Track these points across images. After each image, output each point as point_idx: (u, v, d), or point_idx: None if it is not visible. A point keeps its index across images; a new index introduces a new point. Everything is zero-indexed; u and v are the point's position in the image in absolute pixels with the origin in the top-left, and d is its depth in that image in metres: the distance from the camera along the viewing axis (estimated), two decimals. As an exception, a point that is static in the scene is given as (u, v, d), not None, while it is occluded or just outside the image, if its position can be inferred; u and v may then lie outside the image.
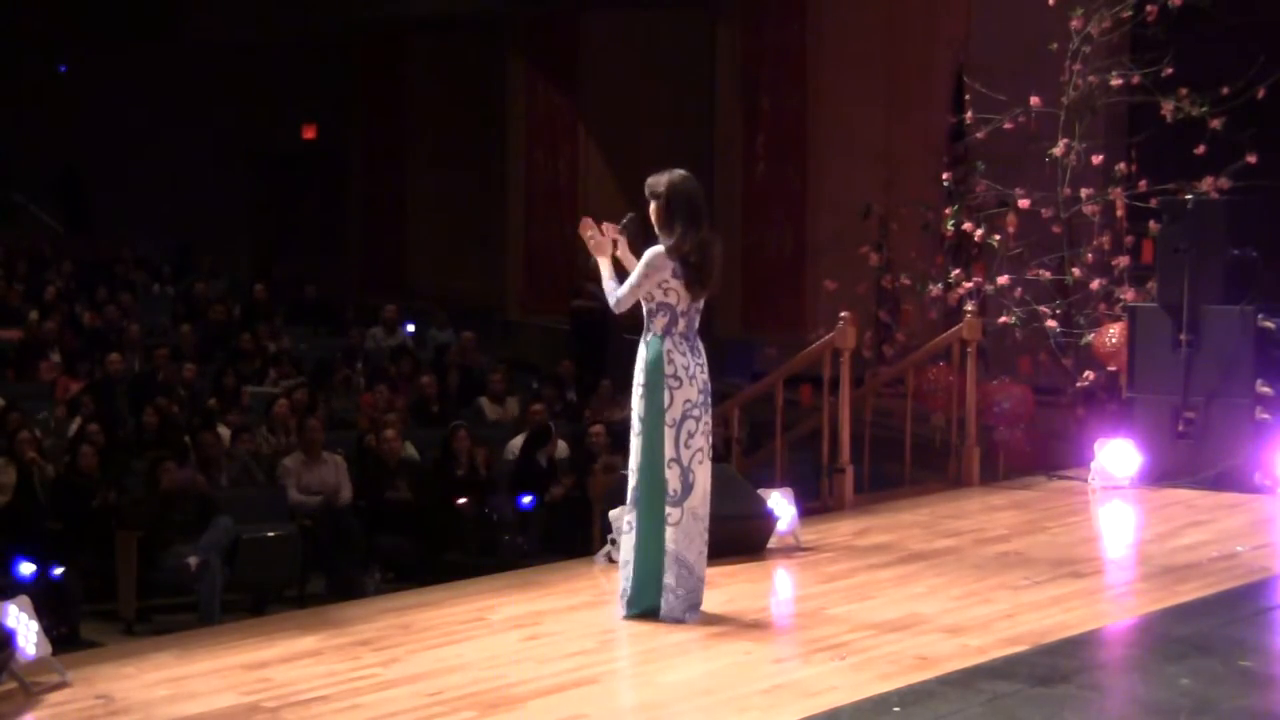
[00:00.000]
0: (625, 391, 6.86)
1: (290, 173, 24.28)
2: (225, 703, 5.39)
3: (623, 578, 6.50)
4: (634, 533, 6.43)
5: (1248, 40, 11.86)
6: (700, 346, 6.50)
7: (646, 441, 6.38)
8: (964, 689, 5.41)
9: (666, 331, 6.40)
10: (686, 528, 6.38)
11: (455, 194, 22.10)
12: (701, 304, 6.50)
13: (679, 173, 6.50)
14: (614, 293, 6.48)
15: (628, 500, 6.47)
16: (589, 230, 6.68)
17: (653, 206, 6.49)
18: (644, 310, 6.46)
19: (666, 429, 6.34)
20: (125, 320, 17.28)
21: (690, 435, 6.36)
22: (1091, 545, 8.86)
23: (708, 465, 6.46)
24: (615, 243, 6.67)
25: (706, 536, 6.49)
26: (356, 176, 23.89)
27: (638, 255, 6.51)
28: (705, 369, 6.48)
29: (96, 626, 10.84)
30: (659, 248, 6.40)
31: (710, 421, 6.49)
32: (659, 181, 6.48)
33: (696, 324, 6.49)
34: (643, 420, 6.39)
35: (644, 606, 6.42)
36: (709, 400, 6.49)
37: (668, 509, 6.36)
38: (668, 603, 6.39)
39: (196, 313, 18.16)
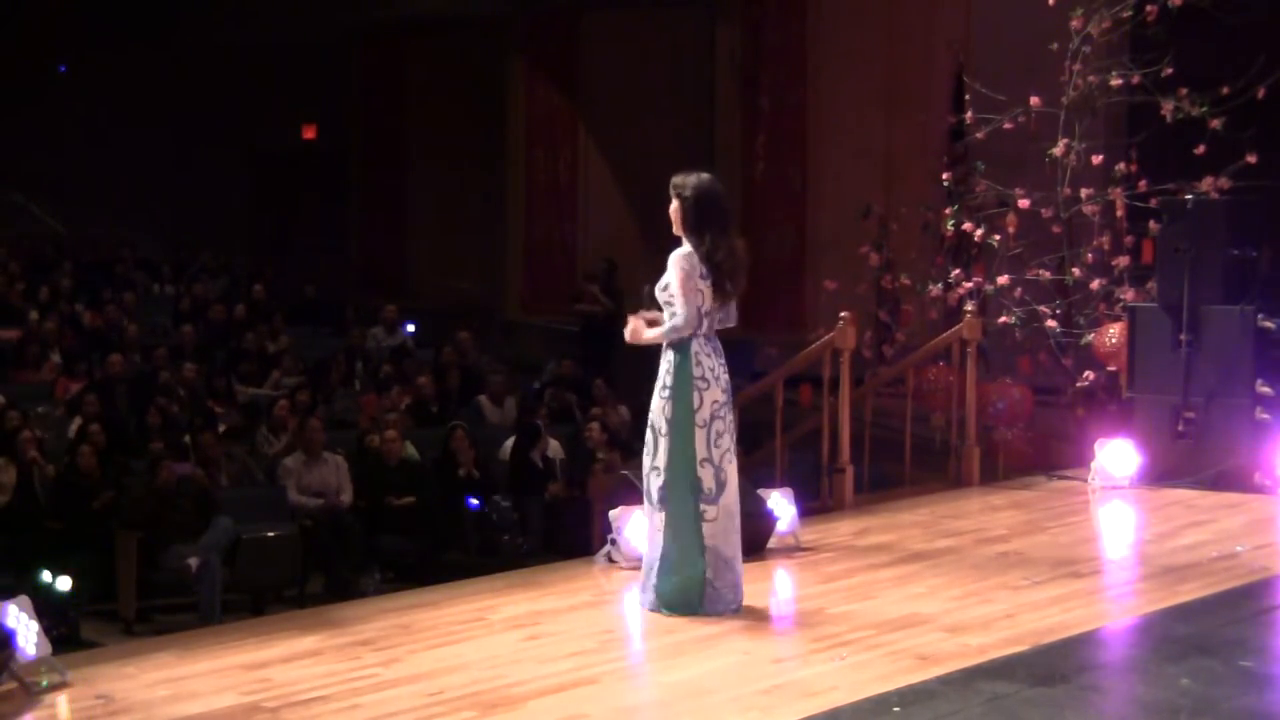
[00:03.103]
0: (630, 392, 6.85)
1: (290, 173, 24.28)
2: (225, 703, 5.39)
3: (653, 574, 6.47)
4: (664, 532, 6.44)
5: (1248, 40, 11.85)
6: (720, 348, 6.55)
7: (677, 443, 6.40)
8: (964, 689, 5.41)
9: (693, 334, 6.42)
10: (724, 524, 6.46)
11: (455, 194, 22.10)
12: (732, 306, 6.53)
13: (705, 176, 6.52)
14: (677, 320, 6.38)
15: (654, 500, 6.48)
16: (629, 327, 6.60)
17: (674, 205, 6.48)
18: (667, 314, 6.46)
19: (698, 430, 6.40)
20: (125, 320, 17.30)
21: (719, 435, 6.44)
22: (1091, 545, 8.86)
23: (735, 463, 6.53)
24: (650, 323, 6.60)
25: (740, 532, 6.56)
26: (356, 176, 23.90)
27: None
28: (726, 370, 6.54)
29: (96, 626, 10.85)
30: (687, 249, 6.41)
31: (734, 420, 6.54)
32: (685, 184, 6.47)
33: (716, 325, 6.54)
34: (670, 422, 6.42)
35: (686, 607, 6.41)
36: (731, 399, 6.55)
37: (704, 506, 6.42)
38: (709, 596, 6.45)
39: (196, 313, 18.17)
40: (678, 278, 6.38)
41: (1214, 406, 10.00)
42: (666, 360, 6.47)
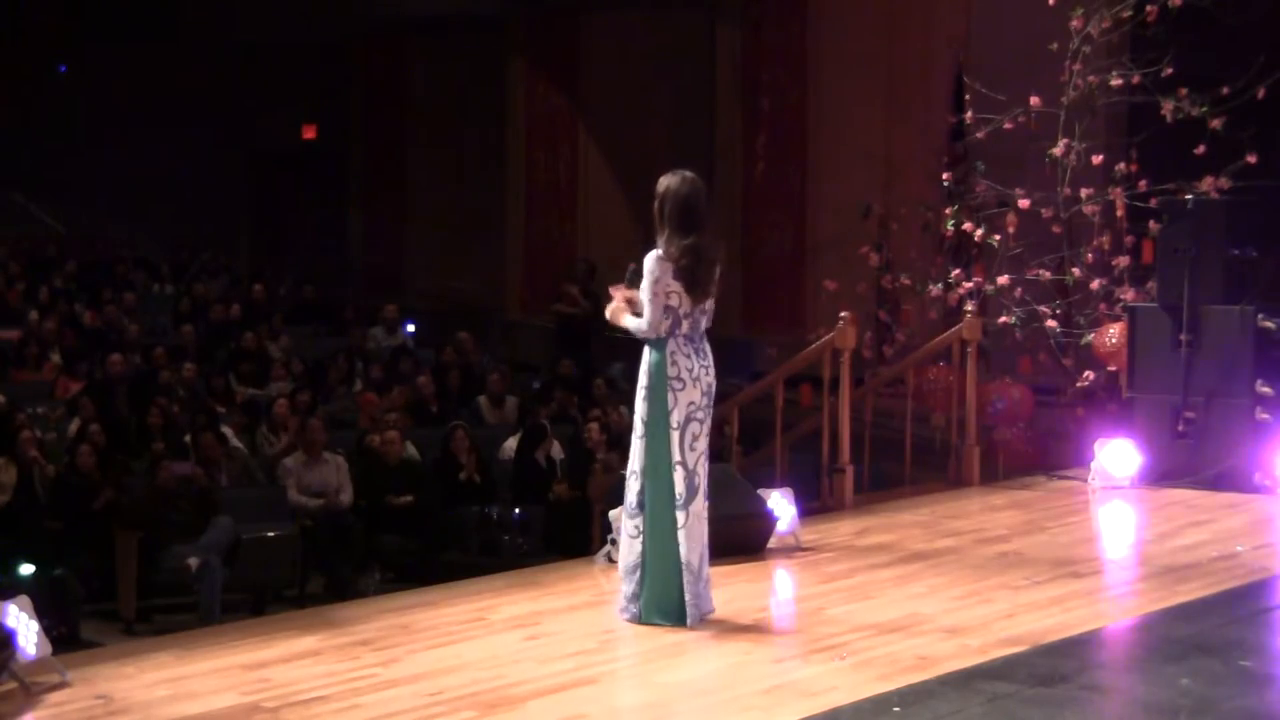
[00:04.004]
0: (629, 392, 6.80)
1: (290, 173, 24.28)
2: (225, 703, 5.40)
3: (630, 581, 6.42)
4: (642, 538, 6.38)
5: (1248, 40, 11.85)
6: (706, 349, 6.47)
7: (652, 445, 6.35)
8: (964, 689, 5.41)
9: (670, 334, 6.38)
10: (691, 530, 6.35)
11: (455, 194, 22.10)
12: (709, 305, 6.45)
13: (678, 176, 6.46)
14: (641, 323, 6.37)
15: (631, 504, 6.43)
16: (611, 305, 6.58)
17: (654, 207, 6.49)
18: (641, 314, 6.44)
19: (672, 432, 6.33)
20: (125, 320, 17.29)
21: (695, 438, 6.36)
22: (1091, 545, 8.87)
23: (706, 467, 6.45)
24: (629, 301, 6.56)
25: (706, 537, 6.46)
26: (356, 177, 23.90)
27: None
28: (710, 371, 6.46)
29: (96, 626, 10.85)
30: (656, 252, 6.39)
31: (710, 424, 6.46)
32: (658, 185, 6.47)
33: (702, 325, 6.46)
34: (646, 423, 6.38)
35: (665, 614, 6.33)
36: (711, 402, 6.47)
37: (676, 513, 6.33)
38: (690, 612, 6.33)
39: (196, 313, 18.17)
40: (647, 283, 6.34)
41: (1214, 406, 10.01)
42: (644, 360, 6.42)
